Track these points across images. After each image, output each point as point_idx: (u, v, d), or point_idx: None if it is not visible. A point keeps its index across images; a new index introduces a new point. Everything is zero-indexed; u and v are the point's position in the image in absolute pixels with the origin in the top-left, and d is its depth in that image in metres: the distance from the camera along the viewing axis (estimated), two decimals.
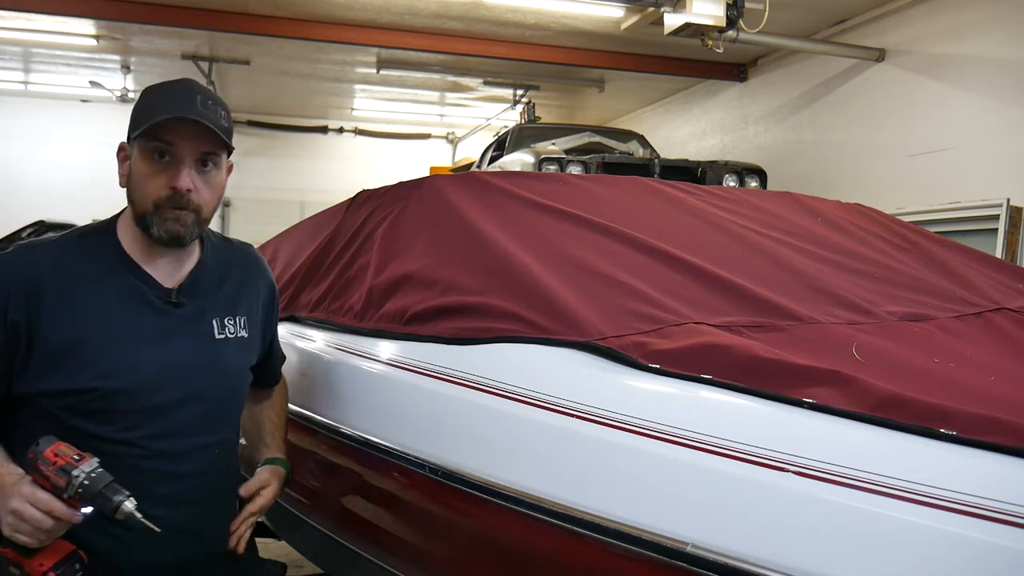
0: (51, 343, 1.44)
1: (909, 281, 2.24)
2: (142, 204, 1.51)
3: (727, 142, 9.03)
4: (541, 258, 1.94)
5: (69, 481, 1.31)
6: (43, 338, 1.44)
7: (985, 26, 5.86)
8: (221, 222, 11.44)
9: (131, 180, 1.53)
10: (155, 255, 1.56)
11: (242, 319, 1.67)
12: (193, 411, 1.55)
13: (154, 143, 1.48)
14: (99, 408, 1.45)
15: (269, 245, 3.35)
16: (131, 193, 1.53)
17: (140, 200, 1.51)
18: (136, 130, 1.49)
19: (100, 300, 1.49)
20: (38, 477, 1.32)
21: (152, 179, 1.50)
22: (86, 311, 1.47)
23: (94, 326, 1.47)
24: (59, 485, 1.31)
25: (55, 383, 1.44)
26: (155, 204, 1.49)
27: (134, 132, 1.50)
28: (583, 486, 1.36)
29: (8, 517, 1.31)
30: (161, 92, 1.54)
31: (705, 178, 6.56)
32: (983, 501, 1.02)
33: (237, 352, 1.66)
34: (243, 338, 1.67)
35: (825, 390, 1.34)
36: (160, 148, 1.49)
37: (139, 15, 7.23)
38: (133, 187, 1.52)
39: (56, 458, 1.32)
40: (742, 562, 1.11)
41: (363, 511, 2.01)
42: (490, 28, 7.73)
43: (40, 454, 1.32)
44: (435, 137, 12.69)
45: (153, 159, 1.49)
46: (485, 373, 1.64)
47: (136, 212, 1.52)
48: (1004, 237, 5.45)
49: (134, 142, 1.51)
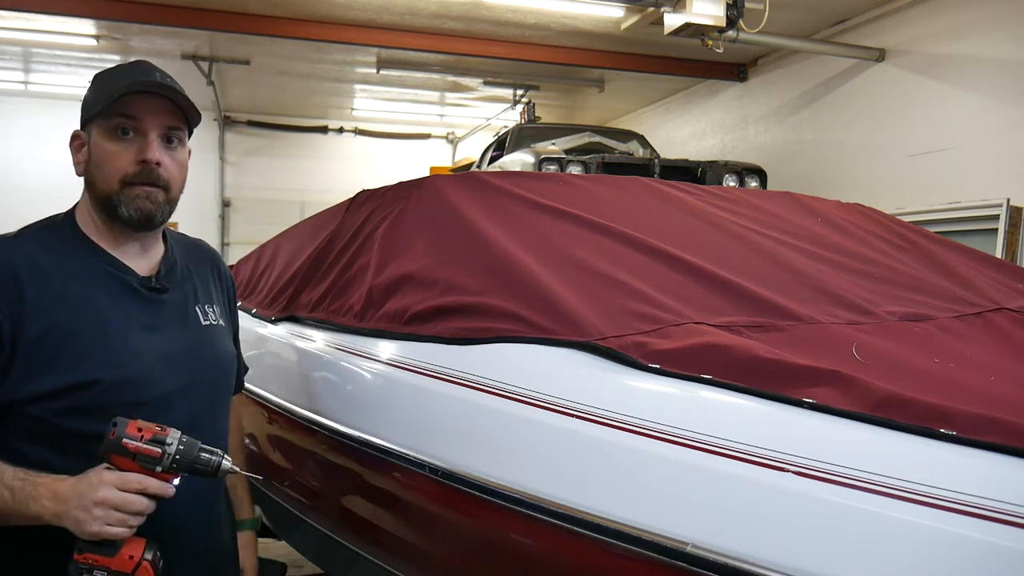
0: (40, 341, 1.36)
1: (909, 281, 2.24)
2: (107, 184, 1.45)
3: (727, 142, 9.03)
4: (541, 258, 1.94)
5: (164, 451, 1.28)
6: (30, 337, 1.36)
7: (985, 26, 5.86)
8: (221, 222, 11.45)
9: (91, 163, 1.47)
10: (123, 243, 1.50)
11: (217, 308, 1.65)
12: (191, 400, 1.51)
13: (117, 119, 1.44)
14: (101, 403, 1.38)
15: (269, 245, 3.35)
16: (93, 176, 1.47)
17: (105, 180, 1.45)
18: (93, 110, 1.45)
19: (84, 292, 1.43)
20: (120, 459, 1.28)
21: (117, 156, 1.44)
22: (73, 304, 1.41)
23: (84, 318, 1.40)
24: (152, 458, 1.27)
25: (50, 383, 1.36)
26: (122, 182, 1.44)
27: (91, 113, 1.46)
28: (583, 486, 1.36)
29: (95, 511, 1.25)
30: (115, 73, 1.51)
31: (705, 178, 6.56)
32: (983, 501, 1.02)
33: (224, 338, 1.66)
34: (224, 327, 1.66)
35: (825, 390, 1.34)
36: (123, 124, 1.45)
37: (139, 15, 7.22)
38: (95, 169, 1.47)
39: (141, 432, 1.29)
40: (742, 562, 1.11)
41: (363, 511, 2.01)
42: (490, 28, 7.73)
43: (123, 433, 1.28)
44: (435, 137, 12.68)
45: (116, 136, 1.45)
46: (485, 373, 1.64)
47: (100, 194, 1.47)
48: (1004, 237, 5.45)
49: (91, 125, 1.47)
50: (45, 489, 1.29)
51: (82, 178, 1.52)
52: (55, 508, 1.28)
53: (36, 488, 1.29)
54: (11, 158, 10.44)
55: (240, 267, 3.64)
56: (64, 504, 1.27)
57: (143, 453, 1.28)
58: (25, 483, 1.29)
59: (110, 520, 1.26)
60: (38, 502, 1.28)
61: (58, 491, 1.29)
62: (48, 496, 1.28)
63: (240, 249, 8.56)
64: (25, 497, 1.29)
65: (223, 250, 11.42)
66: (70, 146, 1.52)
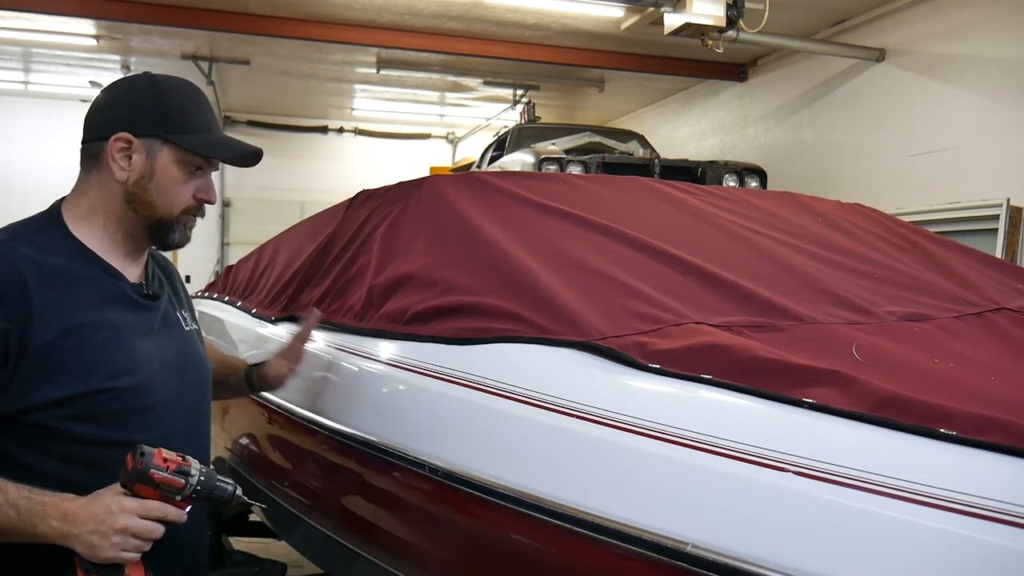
0: (50, 349, 1.34)
1: (909, 281, 2.24)
2: (167, 210, 1.49)
3: (727, 142, 9.03)
4: (541, 258, 1.94)
5: (187, 482, 1.30)
6: (38, 345, 1.33)
7: (985, 26, 5.86)
8: (221, 222, 11.45)
9: (149, 181, 1.47)
10: (117, 252, 1.50)
11: (188, 314, 1.68)
12: (184, 404, 1.53)
13: (200, 160, 1.51)
14: (111, 410, 1.38)
15: (269, 245, 3.35)
16: (149, 195, 1.47)
17: (166, 206, 1.49)
18: (177, 134, 1.47)
19: (87, 299, 1.42)
20: (144, 488, 1.29)
21: (185, 188, 1.50)
22: (78, 311, 1.39)
23: (91, 326, 1.39)
24: (175, 488, 1.30)
25: (60, 391, 1.34)
26: (183, 212, 1.51)
27: (172, 135, 1.47)
28: (583, 486, 1.36)
29: (114, 538, 1.26)
30: (194, 103, 1.54)
31: (705, 178, 6.56)
32: (983, 501, 1.02)
33: (201, 343, 1.69)
34: (199, 332, 1.69)
35: (825, 390, 1.34)
36: (202, 164, 1.52)
37: (139, 15, 7.23)
38: (155, 190, 1.47)
39: (167, 463, 1.30)
40: (742, 562, 1.11)
41: (363, 511, 2.01)
42: (490, 28, 7.73)
43: (149, 463, 1.29)
44: (435, 137, 12.69)
45: (189, 170, 1.50)
46: (485, 373, 1.64)
47: (153, 215, 1.48)
48: (1004, 237, 5.45)
49: (160, 143, 1.46)
50: (53, 509, 1.27)
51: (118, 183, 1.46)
52: (64, 529, 1.26)
53: (43, 507, 1.27)
54: (11, 158, 10.45)
55: (240, 267, 3.64)
56: (76, 526, 1.26)
57: (167, 484, 1.30)
58: (31, 501, 1.27)
59: (127, 547, 1.27)
60: (45, 522, 1.26)
61: (67, 512, 1.27)
62: (56, 516, 1.27)
63: (240, 249, 8.56)
64: (31, 516, 1.27)
65: (223, 250, 11.43)
66: (110, 145, 1.45)
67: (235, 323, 3.12)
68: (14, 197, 9.62)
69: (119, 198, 1.47)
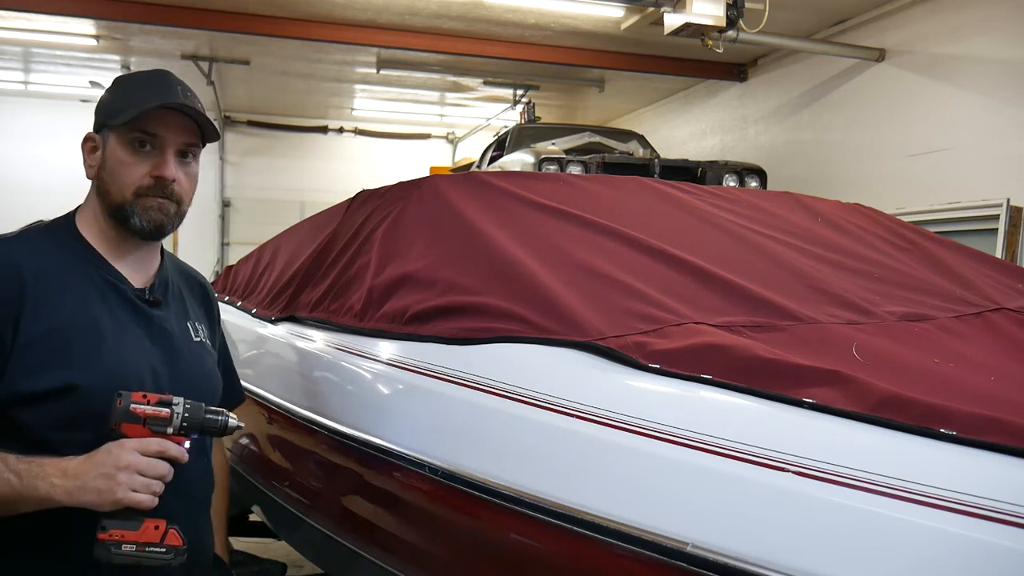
0: (35, 345, 1.35)
1: (909, 281, 2.24)
2: (120, 193, 1.47)
3: (727, 142, 9.03)
4: (541, 258, 1.94)
5: (172, 412, 1.29)
6: (26, 340, 1.35)
7: (985, 26, 5.86)
8: (221, 222, 11.45)
9: (104, 170, 1.48)
10: (124, 252, 1.51)
11: (205, 330, 1.66)
12: None
13: (136, 133, 1.46)
14: (90, 411, 1.36)
15: (269, 245, 3.35)
16: (106, 183, 1.48)
17: (118, 189, 1.47)
18: (114, 119, 1.46)
19: (81, 299, 1.43)
20: (131, 427, 1.28)
21: (133, 168, 1.46)
22: (71, 311, 1.40)
23: (80, 325, 1.40)
24: (163, 420, 1.28)
25: (40, 384, 1.35)
26: (135, 193, 1.46)
27: (111, 121, 1.47)
28: (583, 486, 1.36)
29: (120, 476, 1.24)
30: (138, 82, 1.52)
31: (705, 178, 6.56)
32: (983, 501, 1.02)
33: (211, 358, 1.66)
34: (211, 349, 1.67)
35: (825, 390, 1.34)
36: (142, 138, 1.46)
37: (139, 15, 7.22)
38: (109, 177, 1.48)
39: (146, 398, 1.29)
40: (742, 562, 1.11)
41: (363, 511, 2.01)
42: (490, 28, 7.73)
43: (128, 399, 1.28)
44: (435, 137, 12.68)
45: (134, 148, 1.46)
46: (485, 373, 1.64)
47: (112, 202, 1.48)
48: (1004, 237, 5.45)
49: (108, 131, 1.48)
50: (52, 468, 1.27)
51: (91, 181, 1.52)
52: (66, 484, 1.26)
53: (43, 468, 1.27)
54: (11, 158, 10.44)
55: (240, 267, 3.64)
56: (78, 478, 1.26)
57: (153, 416, 1.29)
58: (31, 465, 1.27)
59: (135, 485, 1.26)
60: (46, 481, 1.26)
61: (68, 468, 1.27)
62: (57, 474, 1.27)
63: (240, 249, 8.56)
64: (32, 478, 1.26)
65: (223, 250, 11.43)
66: (82, 147, 1.52)
67: (235, 323, 3.12)
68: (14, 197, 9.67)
69: (97, 194, 1.52)
